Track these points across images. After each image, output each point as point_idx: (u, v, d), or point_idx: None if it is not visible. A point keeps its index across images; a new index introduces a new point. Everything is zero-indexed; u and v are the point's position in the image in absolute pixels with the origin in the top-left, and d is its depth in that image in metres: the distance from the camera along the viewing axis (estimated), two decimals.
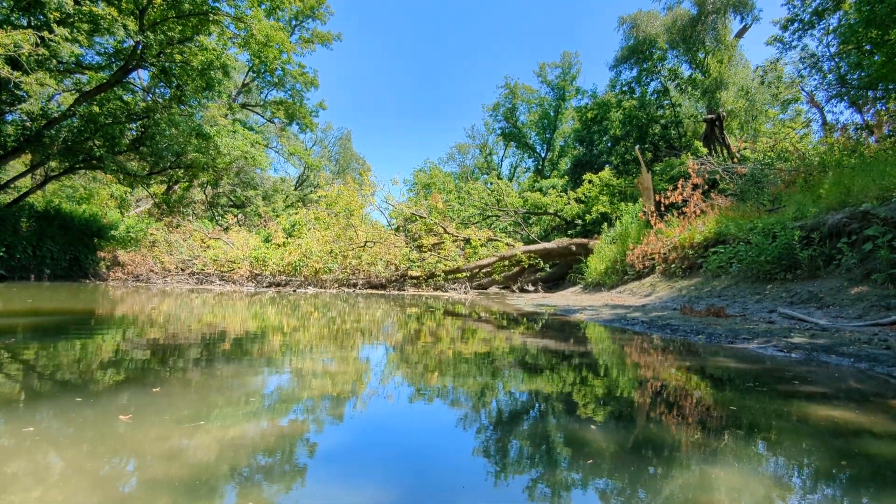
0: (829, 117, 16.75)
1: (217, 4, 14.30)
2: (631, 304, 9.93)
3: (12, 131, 15.18)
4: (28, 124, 14.94)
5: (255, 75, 29.06)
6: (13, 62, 11.29)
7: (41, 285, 12.41)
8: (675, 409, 2.75)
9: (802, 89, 17.18)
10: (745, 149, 17.20)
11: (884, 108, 13.01)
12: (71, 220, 17.23)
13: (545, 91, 38.59)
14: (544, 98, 38.58)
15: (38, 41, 11.09)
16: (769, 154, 15.28)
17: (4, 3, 12.38)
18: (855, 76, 11.93)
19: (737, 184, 14.04)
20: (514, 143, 42.23)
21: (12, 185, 18.05)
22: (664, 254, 12.19)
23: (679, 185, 13.95)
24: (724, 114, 20.57)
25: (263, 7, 16.98)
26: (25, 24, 11.88)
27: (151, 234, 18.53)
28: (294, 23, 27.94)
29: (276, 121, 31.38)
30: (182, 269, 16.32)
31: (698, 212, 12.93)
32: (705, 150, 19.18)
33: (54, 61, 12.98)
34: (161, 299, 9.76)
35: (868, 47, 9.88)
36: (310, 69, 28.17)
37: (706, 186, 14.69)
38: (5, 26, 10.99)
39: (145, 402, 2.47)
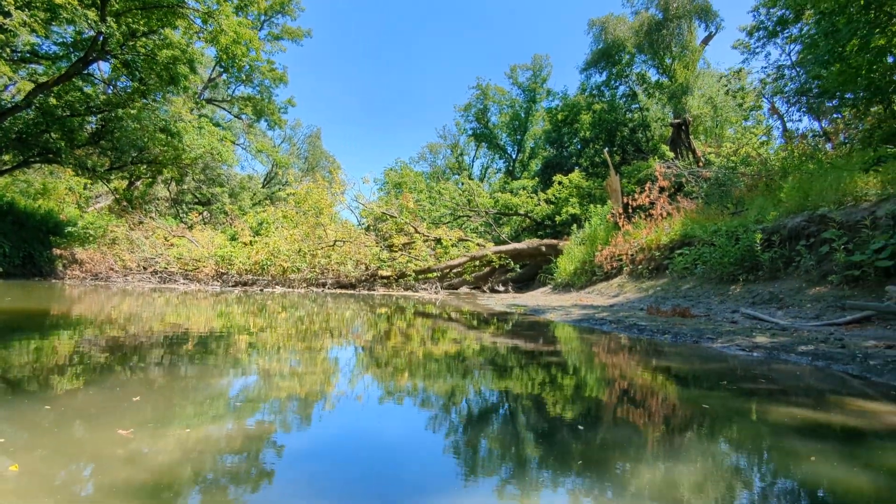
0: (789, 125, 17.34)
1: None
2: (599, 305, 10.07)
3: None
4: None
5: (222, 70, 28.35)
6: None
7: None
8: (641, 407, 2.79)
9: (765, 97, 17.75)
10: (710, 153, 17.68)
11: (840, 116, 13.54)
12: (25, 216, 16.47)
13: (516, 93, 38.95)
14: (515, 100, 38.91)
15: None
16: (733, 159, 15.74)
17: None
18: (814, 85, 12.38)
19: (702, 187, 14.40)
20: (485, 144, 42.43)
21: None
22: (632, 255, 12.41)
23: (646, 188, 14.24)
24: (690, 119, 21.11)
25: (231, 1, 16.61)
26: None
27: (112, 232, 17.84)
28: (263, 18, 27.40)
29: (243, 117, 30.69)
30: (144, 268, 15.80)
31: (665, 214, 13.22)
32: (672, 154, 19.64)
33: (8, 50, 12.38)
34: (121, 299, 9.42)
35: (826, 58, 10.27)
36: (279, 65, 27.64)
37: (673, 189, 15.04)
38: None
39: (107, 406, 2.35)
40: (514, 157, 40.57)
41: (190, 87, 18.74)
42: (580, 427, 2.35)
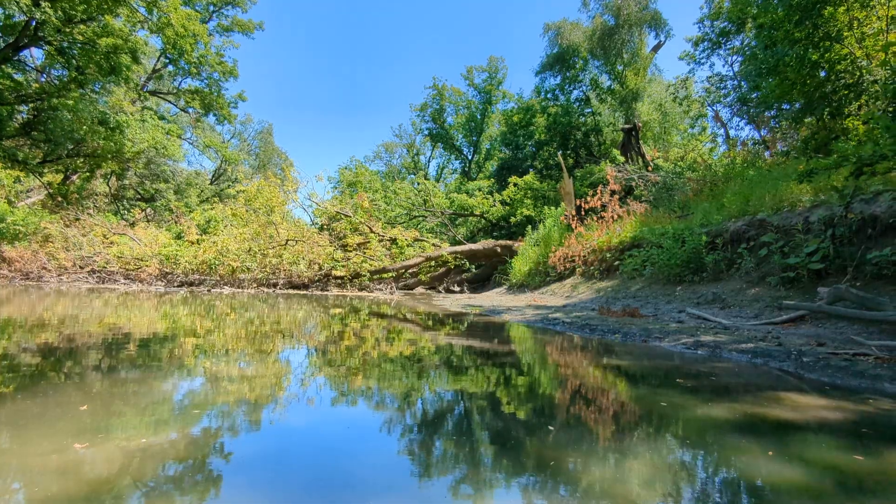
0: (731, 132, 18.22)
1: None
2: (553, 305, 10.24)
3: None
4: None
5: (167, 61, 27.18)
6: None
7: None
8: (592, 405, 2.83)
9: (709, 105, 18.57)
10: (658, 158, 18.33)
11: (777, 125, 14.31)
12: None
13: (472, 94, 39.23)
14: (471, 101, 39.18)
15: None
16: (680, 164, 16.38)
17: None
18: (754, 96, 13.03)
19: (651, 191, 14.90)
20: (441, 145, 42.52)
21: None
22: (584, 256, 12.69)
23: (598, 191, 14.61)
24: (640, 124, 21.82)
25: None
26: None
27: (45, 228, 16.78)
28: (212, 8, 26.44)
29: (190, 110, 29.47)
30: (81, 267, 14.93)
31: (616, 217, 13.59)
32: (623, 159, 20.24)
33: None
34: (55, 299, 8.85)
35: (764, 70, 10.83)
36: (229, 58, 26.72)
37: (623, 193, 15.49)
38: None
39: (37, 414, 2.17)
40: (470, 158, 40.82)
41: (132, 77, 17.84)
42: (533, 426, 2.35)
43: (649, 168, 17.13)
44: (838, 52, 9.40)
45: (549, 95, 27.33)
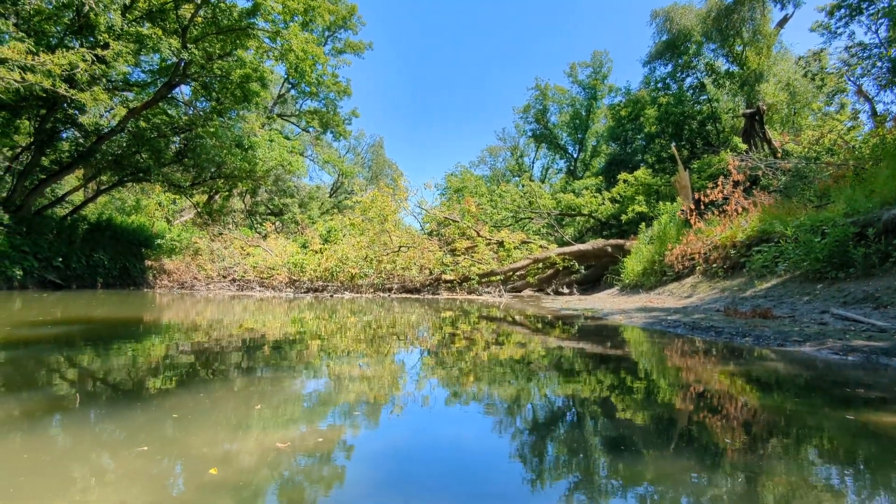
0: (879, 107, 15.99)
1: (254, 20, 14.73)
2: (671, 306, 9.70)
3: (67, 147, 16.06)
4: (81, 140, 15.77)
5: (290, 86, 29.80)
6: (68, 81, 11.90)
7: (95, 293, 13.00)
8: (723, 416, 2.69)
9: (849, 79, 16.47)
10: (788, 143, 16.59)
11: None
12: (121, 231, 18.01)
13: (576, 91, 38.23)
14: (576, 98, 38.20)
15: (94, 59, 11.67)
16: (815, 148, 14.70)
17: (58, 28, 13.09)
18: None
19: (780, 180, 13.55)
20: (545, 145, 41.92)
21: (67, 199, 19.01)
22: (705, 253, 11.86)
23: (719, 183, 13.56)
24: (765, 107, 19.89)
25: (297, 20, 17.43)
26: (78, 47, 12.49)
27: (195, 243, 19.17)
28: (327, 34, 28.53)
29: (310, 130, 32.07)
30: (224, 276, 16.82)
31: (740, 209, 12.53)
32: (745, 146, 18.59)
33: (104, 80, 13.62)
34: (205, 306, 10.09)
35: None
36: (343, 78, 28.69)
37: (748, 183, 14.23)
38: (60, 49, 11.62)
39: (237, 414, 2.58)
40: (575, 156, 39.80)
41: (261, 103, 19.85)
42: (655, 436, 2.31)
43: (777, 155, 15.56)
44: None
45: (659, 85, 25.87)
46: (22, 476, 1.66)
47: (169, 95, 16.10)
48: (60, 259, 14.92)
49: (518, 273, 17.21)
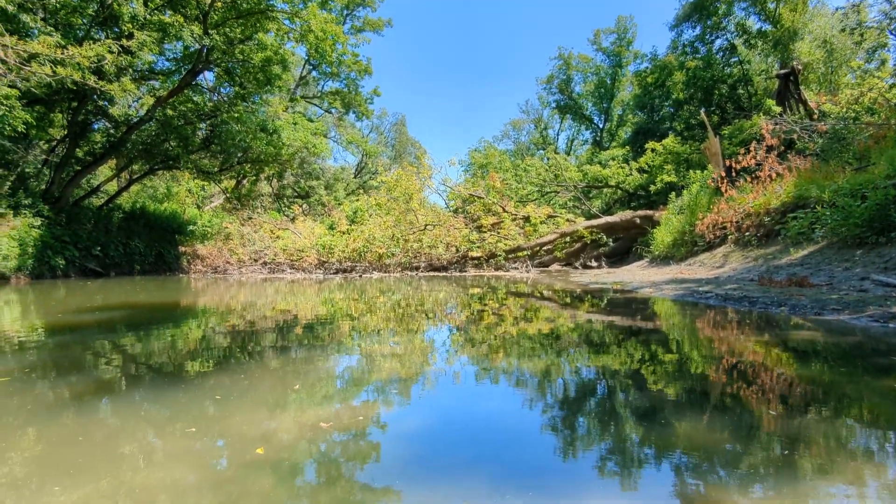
0: None
1: (272, 2, 14.71)
2: (702, 277, 9.55)
3: (99, 138, 16.49)
4: (112, 131, 16.17)
5: (311, 68, 29.78)
6: (97, 72, 12.15)
7: (133, 280, 13.48)
8: (759, 387, 2.68)
9: (890, 33, 15.59)
10: (824, 104, 15.88)
11: None
12: (154, 219, 18.52)
13: (600, 59, 37.25)
14: (600, 66, 37.22)
15: (120, 49, 11.88)
16: (854, 108, 14.04)
17: (84, 21, 13.32)
18: None
19: (817, 143, 13.03)
20: (570, 116, 41.12)
21: (102, 189, 19.60)
22: (737, 222, 11.58)
23: (751, 148, 13.10)
24: (800, 67, 19.02)
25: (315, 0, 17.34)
26: (104, 38, 12.71)
27: (226, 228, 19.60)
28: (346, 12, 28.27)
29: (333, 111, 32.10)
30: (255, 260, 17.20)
31: (774, 175, 12.12)
32: (779, 109, 17.88)
33: (131, 70, 13.86)
34: (239, 289, 10.38)
35: None
36: (363, 57, 28.46)
37: (782, 147, 13.72)
38: (87, 41, 11.85)
39: (275, 396, 2.70)
40: (601, 126, 38.96)
41: (283, 85, 19.94)
42: (690, 409, 2.33)
43: (813, 116, 14.94)
44: None
45: (687, 49, 24.92)
46: (80, 458, 1.77)
47: (193, 82, 16.28)
48: (99, 248, 15.46)
49: (545, 248, 17.12)
